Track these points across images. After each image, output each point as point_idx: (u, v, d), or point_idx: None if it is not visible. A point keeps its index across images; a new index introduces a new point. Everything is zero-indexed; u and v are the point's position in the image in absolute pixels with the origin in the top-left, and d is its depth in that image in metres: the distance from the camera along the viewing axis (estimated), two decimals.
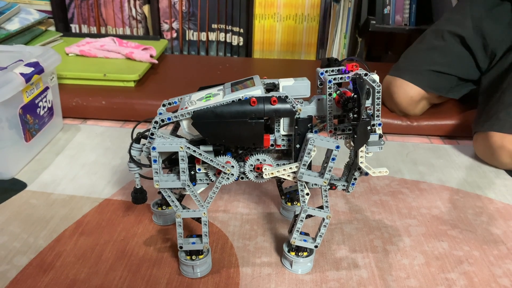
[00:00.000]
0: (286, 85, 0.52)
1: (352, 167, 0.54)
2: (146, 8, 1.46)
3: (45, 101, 0.84)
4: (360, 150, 0.51)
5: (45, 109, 0.84)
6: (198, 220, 0.53)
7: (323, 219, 0.52)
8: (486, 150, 0.80)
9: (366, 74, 0.49)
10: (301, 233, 0.54)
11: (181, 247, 0.52)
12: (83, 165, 0.78)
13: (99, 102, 0.97)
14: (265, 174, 0.51)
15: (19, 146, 0.76)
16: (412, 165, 0.82)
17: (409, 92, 0.92)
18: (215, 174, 0.52)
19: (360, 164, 0.52)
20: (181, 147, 0.48)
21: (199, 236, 0.53)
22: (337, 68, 0.51)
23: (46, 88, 0.85)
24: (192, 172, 0.52)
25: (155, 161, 0.49)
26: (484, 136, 0.79)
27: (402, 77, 0.93)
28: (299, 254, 0.54)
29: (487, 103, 0.84)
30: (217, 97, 0.51)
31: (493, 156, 0.79)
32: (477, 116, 0.86)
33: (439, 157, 0.86)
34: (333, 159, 0.49)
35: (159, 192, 0.57)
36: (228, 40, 1.50)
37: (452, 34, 0.92)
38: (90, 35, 1.40)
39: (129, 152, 0.53)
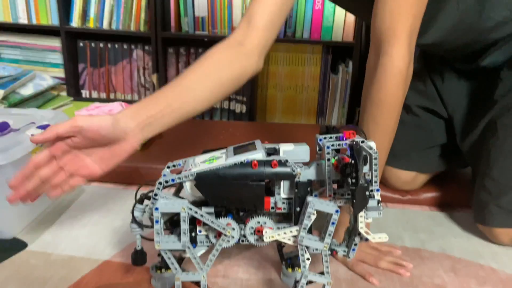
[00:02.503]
0: (286, 149, 0.54)
1: (352, 232, 0.54)
2: (154, 77, 1.54)
3: None
4: (359, 215, 0.52)
5: None
6: (198, 284, 0.52)
7: (324, 285, 0.52)
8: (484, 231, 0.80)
9: (363, 141, 0.51)
10: None
11: None
12: (84, 225, 0.78)
13: None
14: (266, 237, 0.52)
15: (23, 205, 0.76)
16: (413, 232, 0.82)
17: (401, 177, 0.92)
18: (215, 236, 0.53)
19: (360, 230, 0.53)
20: (183, 208, 0.49)
21: None
22: (335, 135, 0.53)
23: None
24: (193, 234, 0.53)
25: (157, 221, 0.50)
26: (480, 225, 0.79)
27: (391, 165, 0.91)
28: None
29: (475, 179, 0.82)
30: (220, 160, 0.53)
31: (492, 238, 0.78)
32: (472, 195, 0.83)
33: (439, 224, 0.86)
34: (333, 223, 0.50)
35: (159, 254, 0.57)
36: (231, 108, 1.56)
37: (420, 107, 0.92)
38: (99, 100, 1.47)
39: (132, 213, 0.54)
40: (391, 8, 0.60)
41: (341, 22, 1.44)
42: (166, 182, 0.52)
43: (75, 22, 1.52)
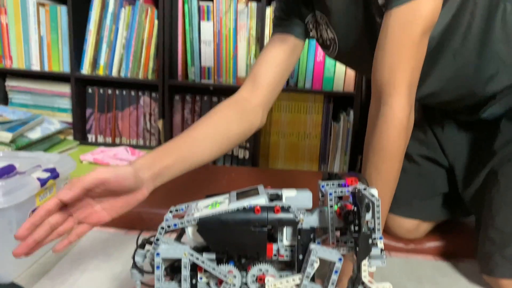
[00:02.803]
0: (289, 195, 0.55)
1: (356, 281, 0.53)
2: (160, 123, 1.58)
3: None
4: (362, 264, 0.52)
5: None
6: None
7: None
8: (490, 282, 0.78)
9: (365, 189, 0.52)
10: None
11: None
12: (84, 270, 0.77)
13: None
14: (268, 286, 0.51)
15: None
16: (417, 282, 0.80)
17: (404, 225, 0.92)
18: (216, 284, 0.52)
19: (363, 279, 0.52)
20: (185, 254, 0.49)
21: None
22: (337, 181, 0.54)
23: None
24: (194, 281, 0.52)
25: (158, 267, 0.49)
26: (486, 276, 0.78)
27: (394, 213, 0.91)
28: None
29: (478, 228, 0.82)
30: (222, 205, 0.53)
31: None
32: (477, 246, 0.82)
33: (444, 274, 0.84)
34: (336, 272, 0.50)
35: None
36: (235, 153, 1.57)
37: (421, 156, 0.93)
38: (105, 145, 1.49)
39: (133, 258, 0.53)
40: (390, 62, 0.63)
41: (342, 73, 1.49)
42: (168, 227, 0.52)
43: (86, 69, 1.58)
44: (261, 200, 0.52)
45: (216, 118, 0.71)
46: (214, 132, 0.69)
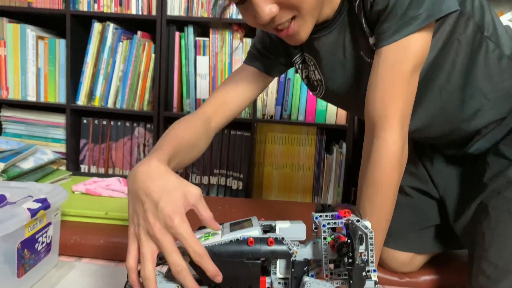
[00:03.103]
0: (283, 227, 0.55)
1: None
2: None
3: (45, 237, 0.85)
4: None
5: (44, 245, 0.85)
6: None
7: None
8: None
9: (358, 220, 0.52)
10: None
11: None
12: None
13: (97, 241, 0.98)
14: None
15: (10, 282, 0.74)
16: None
17: (398, 258, 0.91)
18: None
19: None
20: (178, 286, 0.48)
21: None
22: (330, 213, 0.54)
23: (49, 224, 0.87)
24: None
25: None
26: None
27: (388, 246, 0.90)
28: None
29: (471, 262, 0.81)
30: (215, 236, 0.53)
31: None
32: (470, 278, 0.81)
33: None
34: None
35: None
36: (228, 184, 1.57)
37: (413, 188, 0.93)
38: (98, 175, 1.48)
39: None
40: (382, 96, 0.64)
41: (334, 106, 1.52)
42: (160, 259, 0.51)
43: (81, 100, 1.60)
44: (254, 232, 0.52)
45: (192, 132, 0.73)
46: (192, 147, 0.72)
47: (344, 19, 0.71)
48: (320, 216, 0.54)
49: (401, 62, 0.63)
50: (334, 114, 1.53)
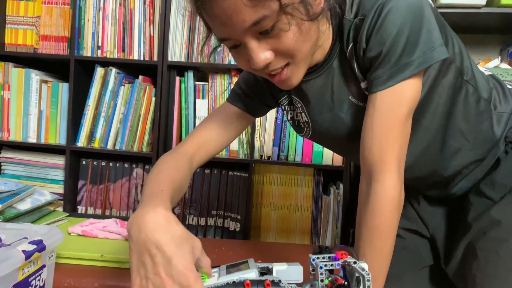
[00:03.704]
0: (280, 269, 0.55)
1: None
2: None
3: (38, 280, 0.84)
4: None
5: None
6: None
7: None
8: None
9: (355, 262, 0.52)
10: None
11: None
12: None
13: (92, 284, 0.96)
14: None
15: None
16: None
17: None
18: None
19: None
20: None
21: None
22: (328, 255, 0.54)
23: (43, 267, 0.85)
24: None
25: None
26: None
27: None
28: None
29: None
30: (212, 279, 0.53)
31: None
32: None
33: None
34: None
35: None
36: (225, 225, 1.56)
37: (404, 229, 0.93)
38: (94, 216, 1.47)
39: None
40: (379, 141, 0.65)
41: None
42: None
43: (81, 142, 1.62)
44: (251, 274, 0.52)
45: (181, 174, 0.73)
46: (181, 189, 0.72)
47: (334, 63, 0.73)
48: (317, 258, 0.54)
49: (396, 107, 0.65)
50: (330, 155, 1.54)
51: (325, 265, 0.52)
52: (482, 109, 0.77)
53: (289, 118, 0.87)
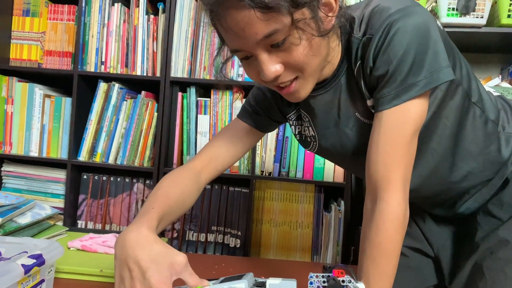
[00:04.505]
0: (273, 283, 0.55)
1: None
2: None
3: None
4: None
5: None
6: None
7: None
8: None
9: (350, 281, 0.52)
10: None
11: None
12: None
13: None
14: None
15: None
16: None
17: None
18: None
19: None
20: None
21: None
22: (326, 274, 0.54)
23: (42, 281, 0.85)
24: None
25: None
26: None
27: None
28: None
29: None
30: None
31: None
32: None
33: None
34: None
35: None
36: (226, 242, 1.55)
37: (409, 248, 0.92)
38: (94, 231, 1.46)
39: None
40: (385, 159, 0.65)
41: (332, 164, 1.55)
42: None
43: (83, 156, 1.62)
44: (241, 284, 0.52)
45: (181, 190, 0.74)
46: (182, 205, 0.74)
47: (342, 80, 0.74)
48: (316, 276, 0.54)
49: (402, 125, 0.65)
50: (331, 171, 1.54)
51: (318, 281, 0.52)
52: (490, 131, 0.78)
53: (296, 133, 0.88)
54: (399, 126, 0.65)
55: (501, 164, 0.79)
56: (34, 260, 0.80)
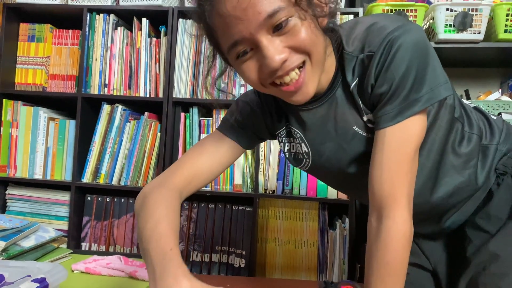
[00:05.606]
0: None
1: None
2: None
3: None
4: None
5: None
6: None
7: None
8: None
9: None
10: None
11: None
12: None
13: None
14: None
15: None
16: None
17: None
18: None
19: None
20: None
21: None
22: None
23: None
24: None
25: None
26: None
27: None
28: None
29: None
30: None
31: None
32: None
33: None
34: None
35: None
36: (230, 262, 1.54)
37: (409, 264, 0.92)
38: (98, 253, 1.46)
39: None
40: (389, 176, 0.65)
41: None
42: None
43: (87, 178, 1.63)
44: None
45: (178, 216, 0.70)
46: (175, 229, 0.67)
47: (337, 93, 0.73)
48: None
49: (405, 142, 0.65)
50: None
51: None
52: (472, 146, 0.78)
53: (285, 151, 0.85)
54: (403, 143, 0.65)
55: (484, 176, 0.79)
56: (37, 284, 0.79)
